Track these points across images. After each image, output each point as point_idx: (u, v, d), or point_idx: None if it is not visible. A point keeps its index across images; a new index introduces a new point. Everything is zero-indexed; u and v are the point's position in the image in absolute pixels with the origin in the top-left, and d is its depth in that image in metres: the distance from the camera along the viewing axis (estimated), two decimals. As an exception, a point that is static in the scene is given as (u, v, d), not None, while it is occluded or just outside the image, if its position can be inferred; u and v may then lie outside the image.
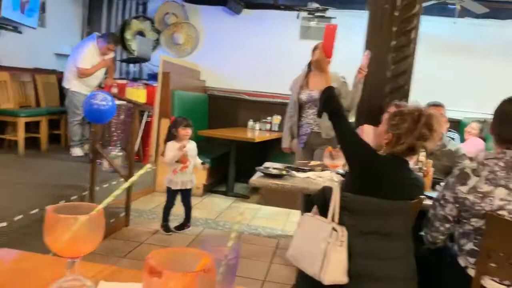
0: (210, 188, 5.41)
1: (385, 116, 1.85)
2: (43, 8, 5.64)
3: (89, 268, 0.98)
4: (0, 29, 4.84)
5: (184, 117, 3.77)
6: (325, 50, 2.18)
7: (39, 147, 5.01)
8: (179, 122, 3.65)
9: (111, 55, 5.09)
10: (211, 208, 4.70)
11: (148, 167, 0.99)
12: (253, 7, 6.32)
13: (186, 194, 3.80)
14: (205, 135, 5.30)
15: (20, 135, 4.65)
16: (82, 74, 4.77)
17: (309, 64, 3.48)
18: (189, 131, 3.67)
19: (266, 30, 6.25)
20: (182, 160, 3.59)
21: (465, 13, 5.42)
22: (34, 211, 2.95)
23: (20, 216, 2.82)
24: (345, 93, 3.23)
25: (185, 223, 3.85)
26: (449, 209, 1.78)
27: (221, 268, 0.79)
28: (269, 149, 5.75)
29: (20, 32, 5.13)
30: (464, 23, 5.66)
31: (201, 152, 5.26)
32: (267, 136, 5.63)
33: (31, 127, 5.00)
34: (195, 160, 3.78)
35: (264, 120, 6.11)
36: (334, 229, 1.64)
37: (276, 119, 6.05)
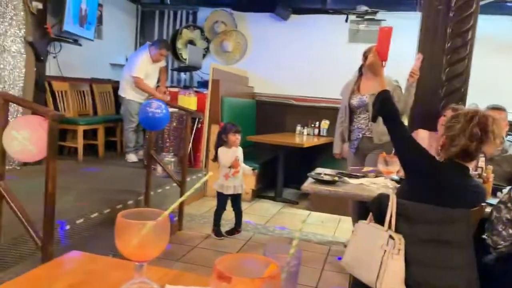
0: (258, 194, 5.44)
1: (441, 120, 1.79)
2: (100, 21, 5.93)
3: (154, 271, 1.01)
4: (62, 42, 5.13)
5: (233, 123, 3.83)
6: (380, 53, 2.16)
7: (97, 153, 5.25)
8: (229, 128, 3.71)
9: (163, 62, 5.26)
10: (260, 213, 4.72)
11: (210, 174, 1.02)
12: (301, 12, 6.32)
13: (236, 199, 3.84)
14: (253, 141, 5.34)
15: (80, 142, 4.90)
16: (137, 84, 4.95)
17: (360, 68, 3.43)
18: (238, 137, 3.72)
19: (314, 34, 6.23)
20: (234, 165, 3.65)
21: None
22: (94, 215, 3.10)
23: (81, 220, 2.97)
24: (398, 98, 3.16)
25: (236, 228, 3.90)
26: None
27: (283, 275, 0.80)
28: (317, 155, 5.71)
29: (80, 45, 5.42)
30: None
31: (249, 158, 5.32)
32: (316, 141, 5.60)
33: (89, 134, 5.25)
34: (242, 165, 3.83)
35: (312, 125, 6.08)
36: (391, 237, 1.61)
37: (325, 124, 6.00)
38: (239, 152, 3.78)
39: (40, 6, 4.31)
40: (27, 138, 2.07)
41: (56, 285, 0.96)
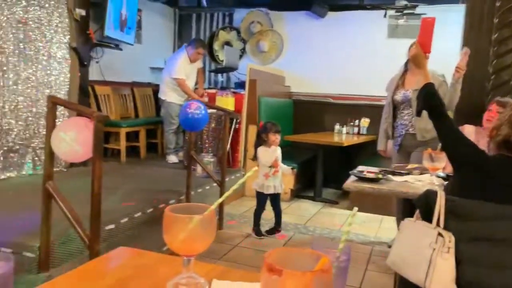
0: (297, 193, 5.40)
1: (486, 115, 1.72)
2: (139, 26, 6.08)
3: (201, 267, 1.02)
4: (103, 47, 5.30)
5: (273, 122, 3.81)
6: (423, 45, 2.07)
7: (139, 155, 5.38)
8: (269, 128, 3.70)
9: (200, 63, 5.33)
10: (299, 213, 4.69)
11: (254, 169, 1.01)
12: (338, 9, 6.24)
13: (275, 199, 3.83)
14: (291, 140, 5.31)
15: (122, 144, 5.03)
16: (180, 85, 5.04)
17: (406, 63, 3.33)
18: (278, 137, 3.71)
19: (352, 31, 6.14)
20: (274, 164, 3.64)
21: None
22: (137, 214, 3.17)
23: (126, 219, 3.04)
24: (443, 93, 3.04)
25: (276, 228, 3.89)
26: None
27: (333, 270, 0.78)
28: (357, 154, 5.61)
29: (120, 49, 5.57)
30: None
31: (287, 157, 5.28)
32: (355, 140, 5.50)
33: (131, 136, 5.39)
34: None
35: (351, 123, 5.97)
36: (440, 234, 1.55)
37: (365, 122, 5.87)
38: (278, 151, 3.76)
39: (83, 13, 4.47)
40: (74, 139, 2.14)
41: (105, 280, 0.98)
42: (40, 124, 4.07)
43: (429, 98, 1.89)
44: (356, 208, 0.79)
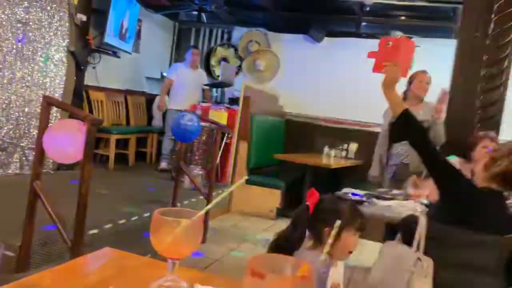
0: (283, 212, 5.41)
1: (482, 150, 1.78)
2: (138, 35, 6.14)
3: (185, 271, 1.03)
4: (101, 54, 5.34)
5: (354, 205, 1.82)
6: (402, 67, 1.88)
7: (127, 162, 5.37)
8: (347, 219, 1.63)
9: (204, 79, 5.61)
10: (284, 232, 4.69)
11: (245, 178, 1.04)
12: (334, 35, 6.38)
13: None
14: (280, 159, 5.35)
15: (111, 151, 5.03)
16: (164, 82, 5.37)
17: (405, 93, 3.38)
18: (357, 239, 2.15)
19: (347, 57, 6.25)
20: None
21: None
22: (122, 221, 3.16)
23: (110, 225, 3.03)
24: (433, 131, 3.05)
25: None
26: None
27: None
28: (344, 177, 5.65)
29: (118, 57, 5.62)
30: None
31: (275, 176, 5.34)
32: (343, 163, 5.56)
33: (121, 143, 5.39)
34: None
35: (340, 146, 6.04)
36: (419, 259, 1.59)
37: (353, 146, 5.95)
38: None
39: (84, 18, 4.52)
40: (66, 140, 2.15)
41: (89, 278, 1.00)
42: (31, 125, 4.07)
43: (407, 126, 1.88)
44: (339, 221, 0.83)
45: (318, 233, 1.44)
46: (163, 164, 5.34)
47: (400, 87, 2.25)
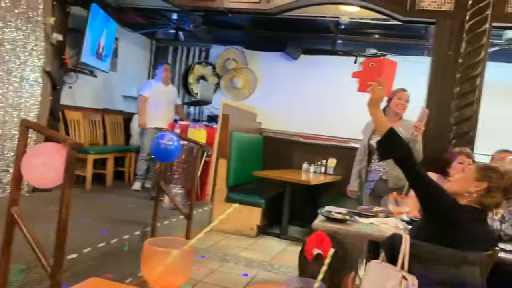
0: (263, 230, 5.40)
1: (458, 166, 1.83)
2: (115, 54, 6.10)
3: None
4: (78, 73, 5.27)
5: None
6: (386, 87, 1.95)
7: (105, 183, 5.28)
8: None
9: (176, 98, 5.49)
10: (265, 251, 4.68)
11: (235, 206, 1.04)
12: (310, 52, 6.50)
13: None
14: (259, 176, 5.36)
15: (89, 171, 4.94)
16: (138, 101, 5.30)
17: (384, 109, 3.44)
18: None
19: (323, 74, 6.37)
20: None
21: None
22: (101, 244, 3.09)
23: (89, 249, 2.96)
24: (413, 149, 3.11)
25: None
26: None
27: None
28: (323, 193, 5.71)
29: (95, 76, 5.56)
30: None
31: (255, 193, 5.33)
32: (322, 179, 5.60)
33: (98, 163, 5.30)
34: None
35: (319, 162, 6.10)
36: (404, 277, 1.61)
37: (331, 162, 6.02)
38: None
39: (60, 38, 4.47)
40: (45, 164, 2.11)
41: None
42: (5, 147, 3.97)
43: (393, 144, 1.93)
44: (332, 250, 0.83)
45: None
46: (137, 185, 5.28)
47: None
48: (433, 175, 3.21)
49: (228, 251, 3.79)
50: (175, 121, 5.53)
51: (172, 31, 6.88)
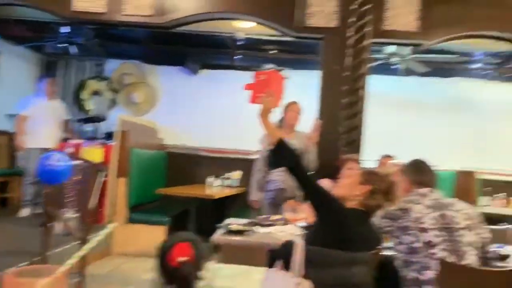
0: (169, 248, 5.24)
1: (349, 171, 1.95)
2: (-4, 69, 5.58)
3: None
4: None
5: None
6: (276, 98, 2.02)
7: (-14, 211, 4.75)
8: None
9: (61, 108, 5.18)
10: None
11: (114, 225, 0.98)
12: (209, 67, 6.55)
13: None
14: (162, 193, 5.20)
15: (-34, 199, 4.41)
16: (16, 120, 4.90)
17: (280, 121, 3.55)
18: None
19: (223, 89, 6.43)
20: None
21: (411, 71, 5.84)
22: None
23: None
24: (306, 158, 3.26)
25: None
26: None
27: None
28: (230, 205, 5.72)
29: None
30: (409, 81, 6.11)
31: (159, 211, 5.16)
32: (227, 192, 5.61)
33: (-22, 190, 4.77)
34: None
35: (223, 176, 6.10)
36: (299, 283, 1.65)
37: (236, 174, 6.05)
38: None
39: None
40: None
41: None
42: None
43: (283, 154, 1.97)
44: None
45: None
46: (25, 212, 4.82)
47: (275, 116, 2.41)
48: (327, 182, 3.39)
49: (130, 274, 3.60)
50: (66, 139, 5.15)
51: (62, 44, 6.47)
